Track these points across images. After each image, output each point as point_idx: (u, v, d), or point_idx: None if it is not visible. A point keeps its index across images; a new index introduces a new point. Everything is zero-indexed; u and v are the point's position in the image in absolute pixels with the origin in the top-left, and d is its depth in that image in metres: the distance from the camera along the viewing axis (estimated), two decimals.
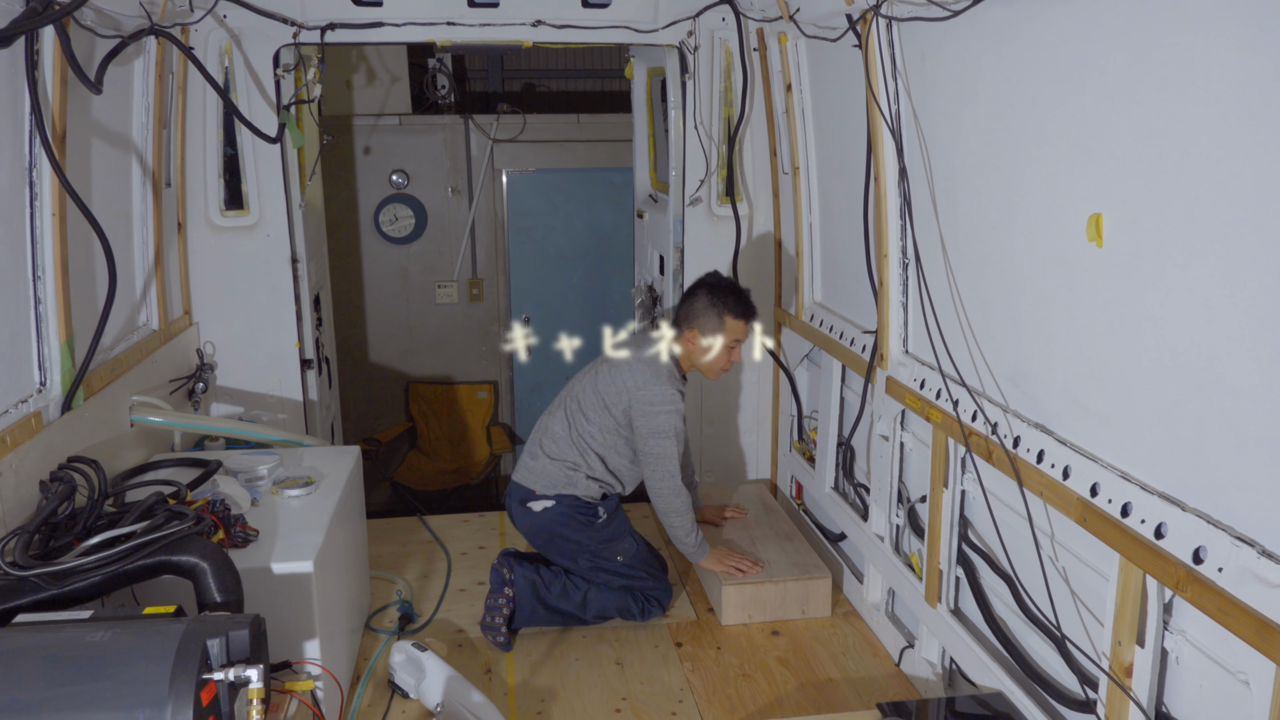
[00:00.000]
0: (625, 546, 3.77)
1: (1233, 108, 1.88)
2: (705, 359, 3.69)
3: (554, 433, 3.75)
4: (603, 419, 3.68)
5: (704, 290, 3.69)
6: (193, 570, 2.42)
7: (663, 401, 3.58)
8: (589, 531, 3.70)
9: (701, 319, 3.64)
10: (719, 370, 3.73)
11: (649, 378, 3.61)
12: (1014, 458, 2.62)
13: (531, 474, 3.74)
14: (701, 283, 3.75)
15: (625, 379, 3.64)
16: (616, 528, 3.77)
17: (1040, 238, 2.56)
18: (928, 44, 2.99)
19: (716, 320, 3.63)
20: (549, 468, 3.71)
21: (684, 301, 3.74)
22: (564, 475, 3.69)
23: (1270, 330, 1.83)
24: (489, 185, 7.30)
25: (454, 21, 4.21)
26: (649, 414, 3.59)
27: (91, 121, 3.40)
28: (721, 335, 3.64)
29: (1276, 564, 1.81)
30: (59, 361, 3.03)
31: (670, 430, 3.59)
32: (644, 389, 3.60)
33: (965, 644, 2.99)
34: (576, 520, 3.69)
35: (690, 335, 3.66)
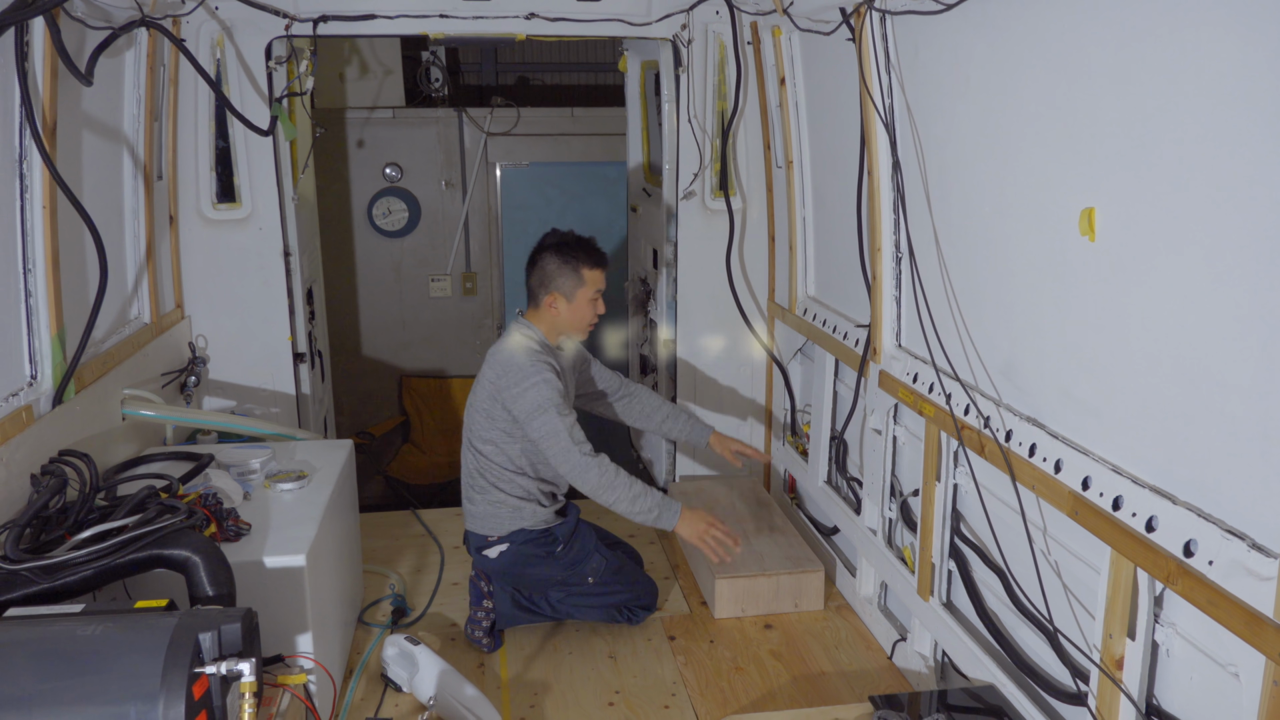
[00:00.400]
0: (594, 566, 3.62)
1: (1224, 102, 1.88)
2: (572, 318, 3.55)
3: (470, 471, 3.59)
4: (494, 432, 3.48)
5: (550, 252, 3.53)
6: (185, 564, 2.42)
7: (525, 376, 3.37)
8: (551, 563, 3.56)
9: (558, 280, 3.50)
10: (588, 325, 3.61)
11: (505, 362, 3.43)
12: (1006, 451, 2.62)
13: (475, 520, 3.58)
14: (543, 245, 3.58)
15: (487, 377, 3.49)
16: (579, 550, 3.61)
17: (1033, 232, 2.56)
18: (921, 38, 2.99)
19: (574, 276, 3.51)
20: (485, 510, 3.54)
21: (531, 270, 3.57)
22: (503, 511, 3.52)
23: (1261, 323, 1.83)
24: (483, 179, 7.29)
25: (447, 14, 4.20)
26: (519, 395, 3.37)
27: (82, 114, 3.38)
28: (581, 289, 3.52)
29: (1266, 557, 1.82)
30: (50, 355, 3.02)
31: (547, 403, 3.34)
32: (505, 374, 3.41)
33: (957, 637, 3.00)
34: (536, 555, 3.54)
35: (550, 300, 3.52)
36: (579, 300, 3.54)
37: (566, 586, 3.62)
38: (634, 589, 3.70)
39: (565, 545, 3.58)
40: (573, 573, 3.60)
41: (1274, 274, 1.77)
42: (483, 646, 3.57)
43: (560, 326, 3.58)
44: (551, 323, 3.56)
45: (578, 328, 3.60)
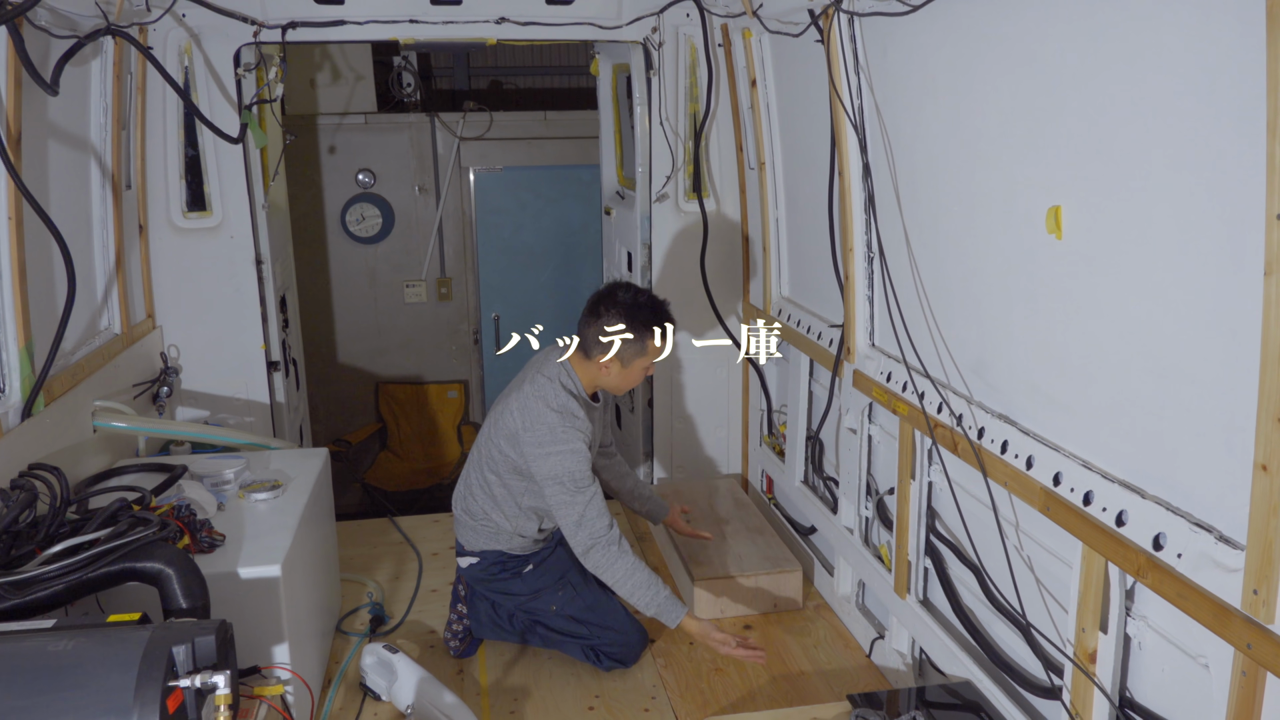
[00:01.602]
0: (562, 596, 3.41)
1: (1185, 100, 1.91)
2: (620, 382, 3.27)
3: (471, 486, 3.44)
4: (504, 470, 3.27)
5: (620, 311, 3.15)
6: (157, 577, 2.39)
7: (554, 441, 3.08)
8: (517, 583, 3.42)
9: (621, 346, 3.17)
10: (633, 386, 3.35)
11: (535, 417, 3.13)
12: (978, 449, 2.64)
13: (461, 527, 3.49)
14: (615, 299, 3.18)
15: (514, 419, 3.19)
16: (548, 576, 3.42)
17: (1001, 230, 2.59)
18: (889, 38, 3.01)
19: (638, 345, 3.18)
20: (470, 524, 3.44)
21: (588, 322, 3.20)
22: (486, 531, 3.40)
23: (1225, 318, 1.86)
24: (456, 184, 7.27)
25: (417, 19, 4.19)
26: (541, 457, 3.10)
27: (48, 123, 3.35)
28: (640, 360, 3.22)
29: (1233, 549, 1.84)
30: (18, 367, 2.98)
31: (566, 476, 3.08)
32: (531, 429, 3.13)
33: (934, 634, 3.02)
34: (504, 575, 3.42)
35: (606, 363, 3.19)
36: (634, 368, 3.22)
37: (529, 614, 3.46)
38: (605, 635, 3.41)
39: (535, 568, 3.45)
40: (537, 597, 3.43)
41: (1236, 269, 1.80)
42: (450, 650, 3.55)
43: (600, 384, 3.29)
44: (595, 378, 3.26)
45: (620, 390, 3.33)
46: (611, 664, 3.44)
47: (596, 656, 3.45)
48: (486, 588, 3.50)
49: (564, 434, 3.10)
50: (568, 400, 3.16)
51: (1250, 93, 1.69)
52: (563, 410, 3.13)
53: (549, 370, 3.25)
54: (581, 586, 3.45)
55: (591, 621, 3.42)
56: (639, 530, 4.58)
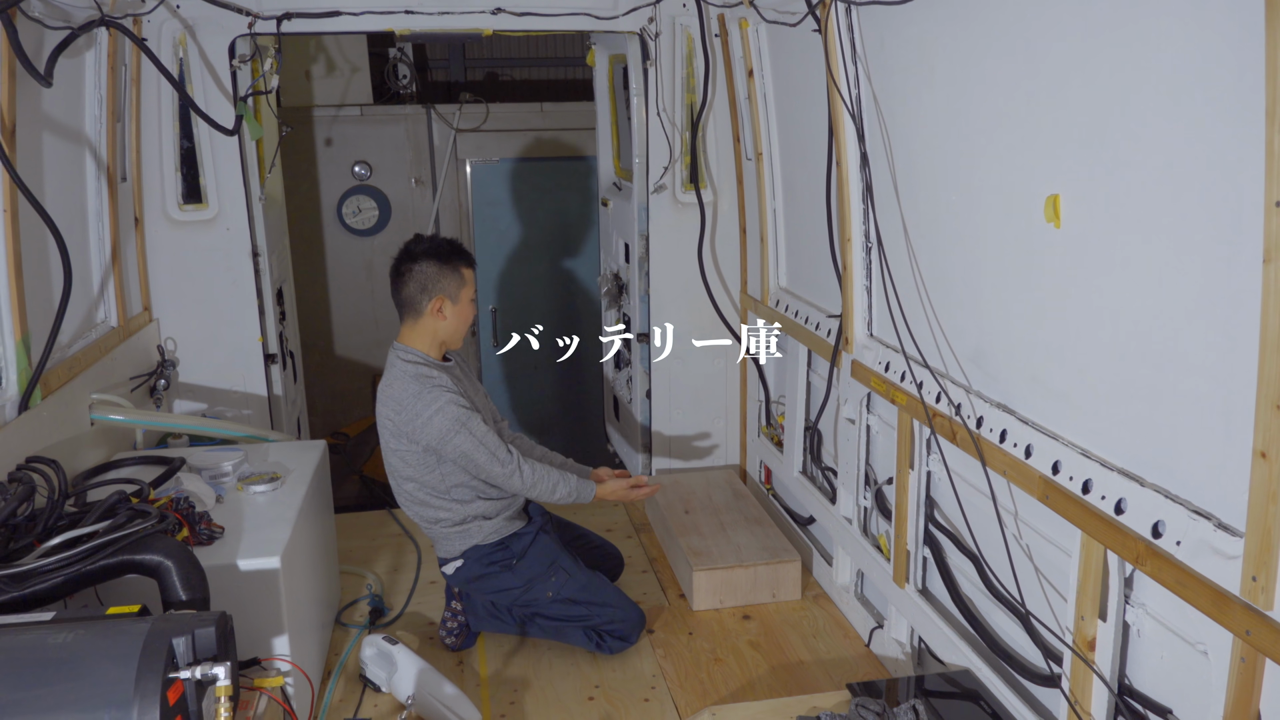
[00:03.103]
0: (555, 582, 3.44)
1: (1182, 88, 1.90)
2: (459, 322, 3.39)
3: (406, 504, 3.46)
4: (411, 469, 3.34)
5: (426, 258, 3.35)
6: (157, 569, 2.39)
7: (424, 406, 3.22)
8: (508, 577, 3.43)
9: (442, 282, 3.33)
10: (468, 328, 3.47)
11: (397, 398, 3.28)
12: (977, 438, 2.64)
13: (433, 539, 3.51)
14: (413, 254, 3.37)
15: (386, 417, 3.32)
16: (538, 564, 3.44)
17: (999, 219, 2.58)
18: (886, 28, 3.00)
19: (456, 276, 3.35)
20: (433, 532, 3.45)
21: (405, 281, 3.37)
22: (451, 533, 3.41)
23: (1222, 305, 1.86)
24: (453, 175, 7.25)
25: (412, 10, 4.17)
26: (423, 426, 3.23)
27: (42, 115, 3.34)
28: (464, 289, 3.39)
29: (1231, 536, 1.85)
30: (14, 360, 2.98)
31: (455, 422, 3.21)
32: (401, 410, 3.26)
33: (933, 623, 3.03)
34: (492, 571, 3.42)
35: (437, 305, 3.34)
36: (463, 301, 3.38)
37: (526, 604, 3.48)
38: (603, 612, 3.46)
39: (522, 559, 3.44)
40: (530, 589, 3.44)
41: (1233, 257, 1.80)
42: (447, 646, 3.55)
43: (443, 334, 3.39)
44: (434, 333, 3.37)
45: (460, 332, 3.43)
46: (615, 643, 3.47)
47: (600, 638, 3.47)
48: (479, 588, 3.49)
49: (429, 394, 3.25)
50: (415, 369, 3.30)
51: (1249, 80, 1.68)
52: (416, 376, 3.28)
53: (389, 363, 3.41)
54: (574, 569, 3.49)
55: (590, 601, 3.46)
56: (637, 521, 4.59)
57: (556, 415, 7.69)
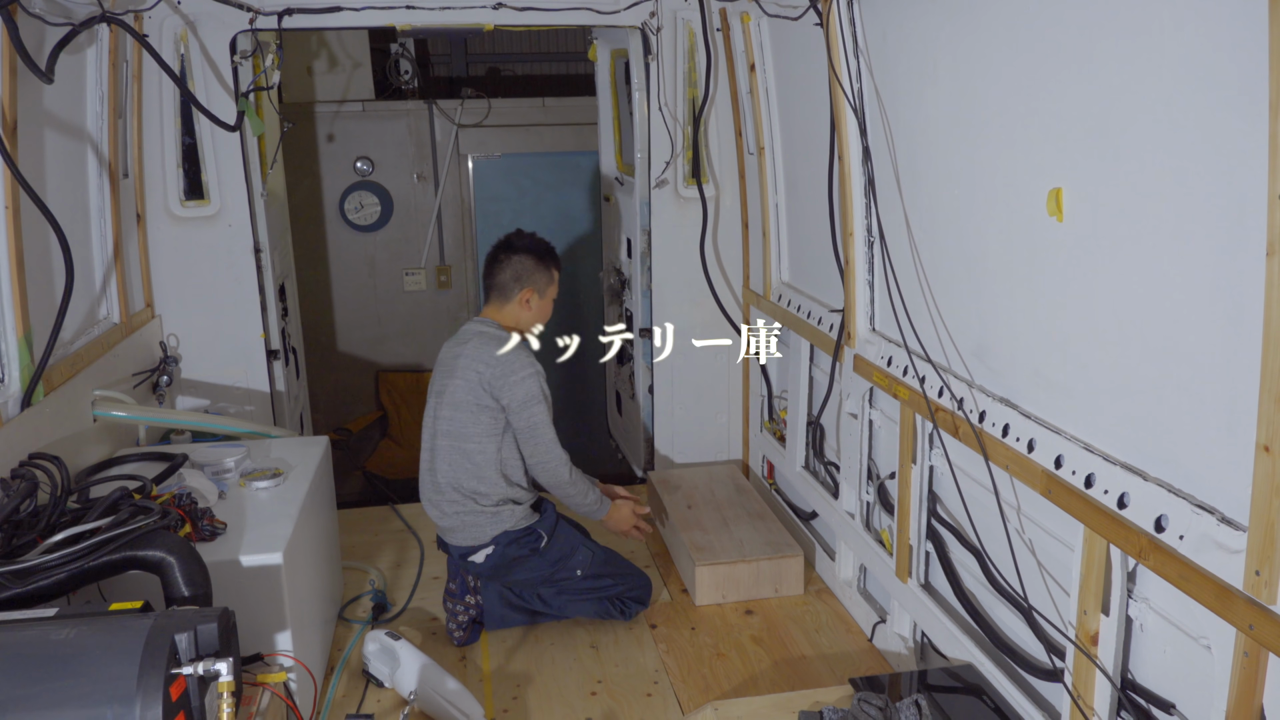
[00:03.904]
0: (580, 559, 3.60)
1: (1186, 82, 1.89)
2: (540, 316, 3.63)
3: (441, 485, 3.52)
4: (480, 426, 3.45)
5: (526, 252, 3.58)
6: (159, 565, 2.39)
7: (521, 367, 3.43)
8: (538, 560, 3.53)
9: (535, 276, 3.56)
10: (543, 323, 3.68)
11: (495, 349, 3.46)
12: (980, 432, 2.64)
13: (455, 533, 3.52)
14: (514, 246, 3.60)
15: (473, 370, 3.44)
16: (565, 544, 3.58)
17: (1002, 213, 2.58)
18: (889, 22, 2.99)
19: (547, 275, 3.61)
20: (462, 522, 3.49)
21: (502, 267, 3.57)
22: (482, 519, 3.47)
23: (1227, 299, 1.86)
24: (455, 171, 7.25)
25: (414, 5, 4.17)
26: (515, 384, 3.41)
27: (44, 112, 3.33)
28: (551, 287, 3.65)
29: (1235, 530, 1.84)
30: (17, 357, 2.98)
31: (539, 394, 3.45)
32: (496, 365, 3.42)
33: (936, 617, 3.02)
34: (522, 555, 3.51)
35: (526, 295, 3.56)
36: (547, 298, 3.64)
37: (555, 582, 3.59)
38: (625, 580, 3.67)
39: (550, 540, 3.54)
40: (560, 567, 3.57)
41: (1238, 250, 1.79)
42: (454, 640, 3.57)
43: (524, 323, 3.60)
44: (517, 319, 3.59)
45: (537, 324, 3.65)
46: (635, 607, 3.69)
47: (621, 606, 3.67)
48: (509, 572, 3.54)
49: (527, 360, 3.47)
50: (510, 339, 3.51)
51: (1251, 73, 1.68)
52: (514, 345, 3.48)
53: (478, 330, 3.55)
54: (594, 545, 3.68)
55: (615, 572, 3.67)
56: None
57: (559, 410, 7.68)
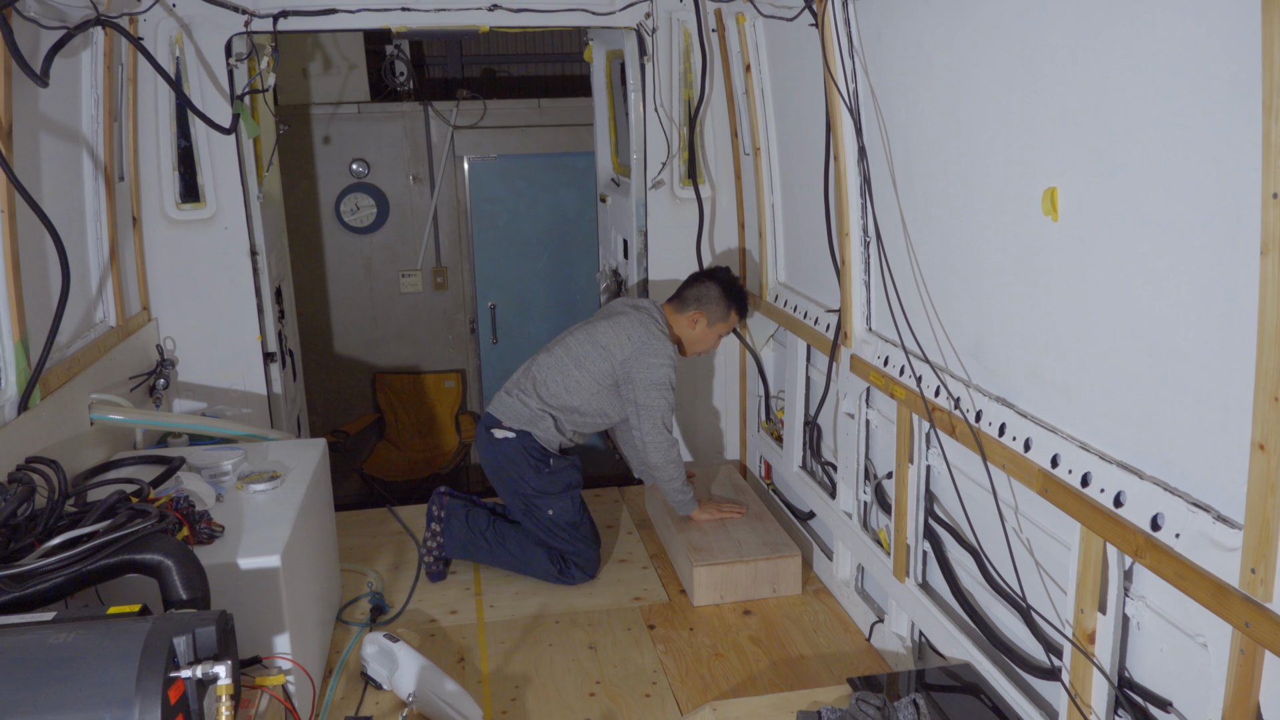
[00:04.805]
0: (560, 505, 3.89)
1: (1180, 81, 1.90)
2: (699, 341, 4.02)
3: (535, 376, 3.96)
4: (597, 366, 3.88)
5: (719, 284, 4.00)
6: (157, 568, 2.39)
7: (663, 355, 3.83)
8: (533, 475, 3.88)
9: (713, 306, 3.96)
10: (701, 350, 4.09)
11: (651, 335, 3.86)
12: (977, 432, 2.65)
13: (502, 407, 3.98)
14: (716, 275, 4.04)
15: (629, 331, 3.87)
16: (559, 481, 3.91)
17: (997, 213, 2.58)
18: (884, 22, 3.00)
19: (724, 311, 3.99)
20: (517, 406, 3.94)
21: (695, 286, 4.01)
22: (527, 414, 3.91)
23: (1222, 298, 1.86)
24: (450, 172, 7.24)
25: (409, 7, 4.17)
26: (650, 365, 3.82)
27: (39, 115, 3.33)
28: (721, 325, 4.01)
29: (1231, 528, 1.85)
30: (13, 361, 2.98)
31: (667, 383, 3.83)
32: (648, 344, 3.84)
33: (933, 617, 3.03)
34: (528, 459, 3.89)
35: (695, 316, 3.97)
36: (713, 330, 4.01)
37: (529, 502, 3.90)
38: (577, 546, 3.92)
39: (552, 469, 3.91)
40: (541, 497, 3.89)
41: (1233, 248, 1.80)
42: (428, 572, 3.99)
43: (684, 337, 4.01)
44: (682, 329, 4.00)
45: (696, 347, 4.06)
46: (577, 573, 3.93)
47: (563, 565, 3.93)
48: (503, 470, 3.92)
49: (671, 353, 3.88)
50: (666, 335, 3.92)
51: (1246, 72, 1.68)
52: (664, 337, 3.90)
53: (650, 310, 3.98)
54: (580, 504, 3.96)
55: (576, 538, 3.92)
56: (637, 517, 4.59)
57: None
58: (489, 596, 3.91)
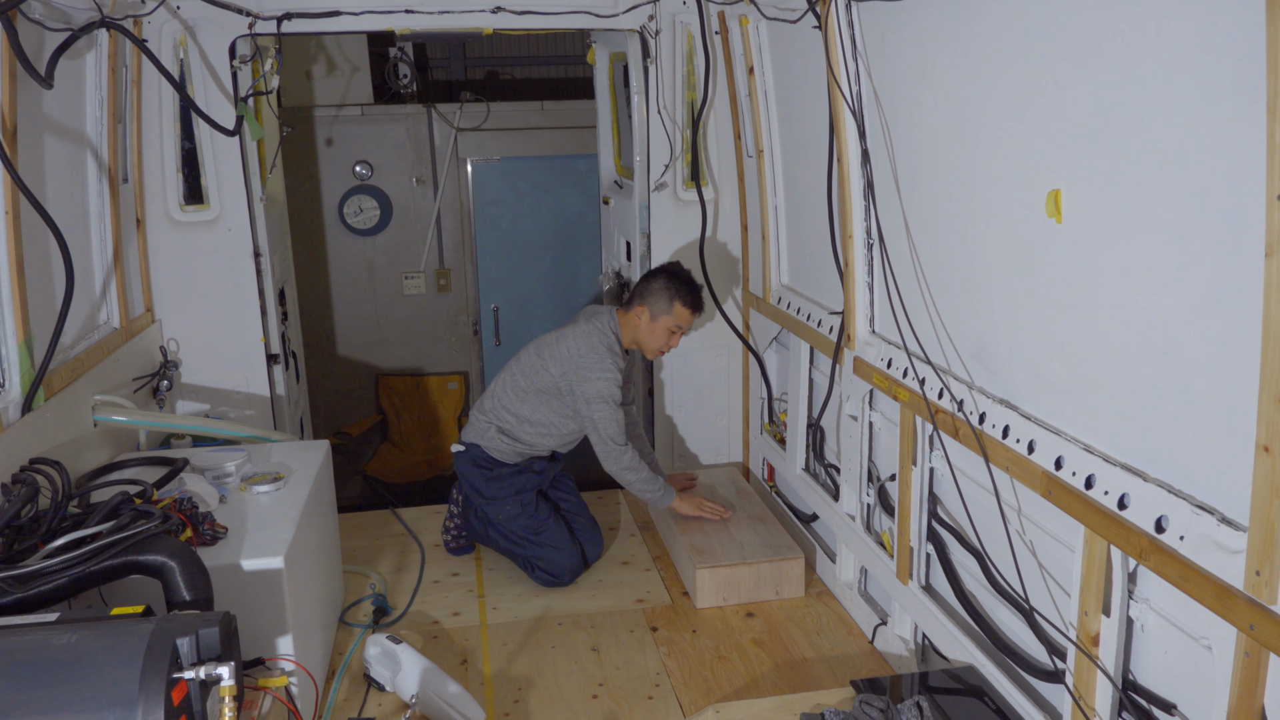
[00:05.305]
0: (506, 509, 3.96)
1: (1185, 84, 1.90)
2: (647, 337, 3.94)
3: (492, 389, 4.10)
4: (540, 378, 3.94)
5: (663, 275, 3.94)
6: (160, 569, 2.39)
7: (598, 368, 3.83)
8: (481, 482, 3.99)
9: (653, 299, 3.90)
10: (656, 350, 3.99)
11: (588, 346, 3.87)
12: (980, 434, 2.64)
13: (467, 422, 4.17)
14: (663, 268, 4.00)
15: (568, 344, 3.90)
16: (507, 486, 3.98)
17: (1001, 214, 2.58)
18: (887, 24, 3.00)
19: (666, 303, 3.89)
20: (473, 419, 4.11)
21: (641, 281, 4.00)
22: (479, 426, 4.05)
23: (1224, 300, 1.86)
24: (454, 174, 7.25)
25: (413, 9, 4.17)
26: (587, 379, 3.83)
27: (43, 117, 3.34)
28: (666, 318, 3.90)
29: (1235, 530, 1.84)
30: (17, 362, 2.98)
31: (606, 395, 3.83)
32: (583, 356, 3.85)
33: (937, 619, 3.02)
34: (476, 468, 4.01)
35: (639, 311, 3.91)
36: (659, 324, 3.91)
37: (482, 514, 4.02)
38: (540, 552, 3.94)
39: (498, 478, 3.98)
40: (490, 500, 3.98)
41: (1237, 251, 1.80)
42: (446, 547, 4.24)
43: (636, 337, 3.97)
44: (632, 330, 3.96)
45: (647, 347, 3.98)
46: (544, 576, 3.95)
47: (531, 569, 3.97)
48: (464, 478, 4.07)
49: (609, 360, 3.86)
50: (613, 343, 3.91)
51: (1250, 74, 1.68)
52: (609, 351, 3.88)
53: (601, 318, 3.98)
54: (532, 509, 3.98)
55: (530, 541, 3.96)
56: (640, 519, 4.59)
57: None
58: (492, 598, 3.91)
